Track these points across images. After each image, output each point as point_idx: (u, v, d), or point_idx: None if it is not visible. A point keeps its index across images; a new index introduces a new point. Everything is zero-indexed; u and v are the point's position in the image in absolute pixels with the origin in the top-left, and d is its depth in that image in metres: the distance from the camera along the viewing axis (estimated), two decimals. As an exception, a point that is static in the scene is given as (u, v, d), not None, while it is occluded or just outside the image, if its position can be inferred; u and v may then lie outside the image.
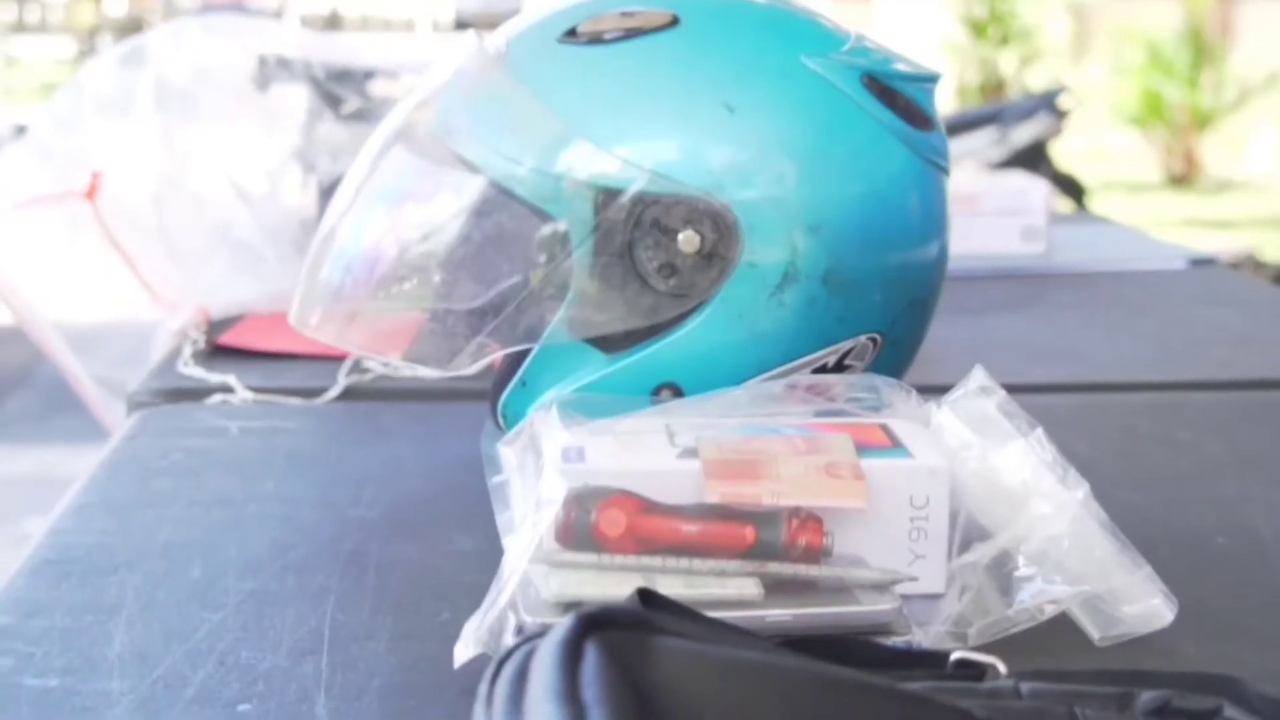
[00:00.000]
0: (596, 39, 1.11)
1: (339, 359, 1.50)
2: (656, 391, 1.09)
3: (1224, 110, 11.43)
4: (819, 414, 1.03)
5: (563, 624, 0.63)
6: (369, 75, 1.93)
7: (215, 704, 0.88)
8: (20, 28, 33.95)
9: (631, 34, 1.11)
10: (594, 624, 0.63)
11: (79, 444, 1.66)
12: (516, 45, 1.15)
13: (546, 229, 1.09)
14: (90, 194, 1.67)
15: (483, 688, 0.64)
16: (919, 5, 15.26)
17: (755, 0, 1.18)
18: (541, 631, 0.65)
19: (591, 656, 0.61)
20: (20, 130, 1.76)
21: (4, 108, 17.01)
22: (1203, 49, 11.69)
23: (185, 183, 1.77)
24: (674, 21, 1.11)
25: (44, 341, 1.65)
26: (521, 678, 0.62)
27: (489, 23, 1.20)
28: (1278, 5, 11.93)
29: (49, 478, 4.83)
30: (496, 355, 1.13)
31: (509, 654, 0.65)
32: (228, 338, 1.64)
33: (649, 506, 0.90)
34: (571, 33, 1.12)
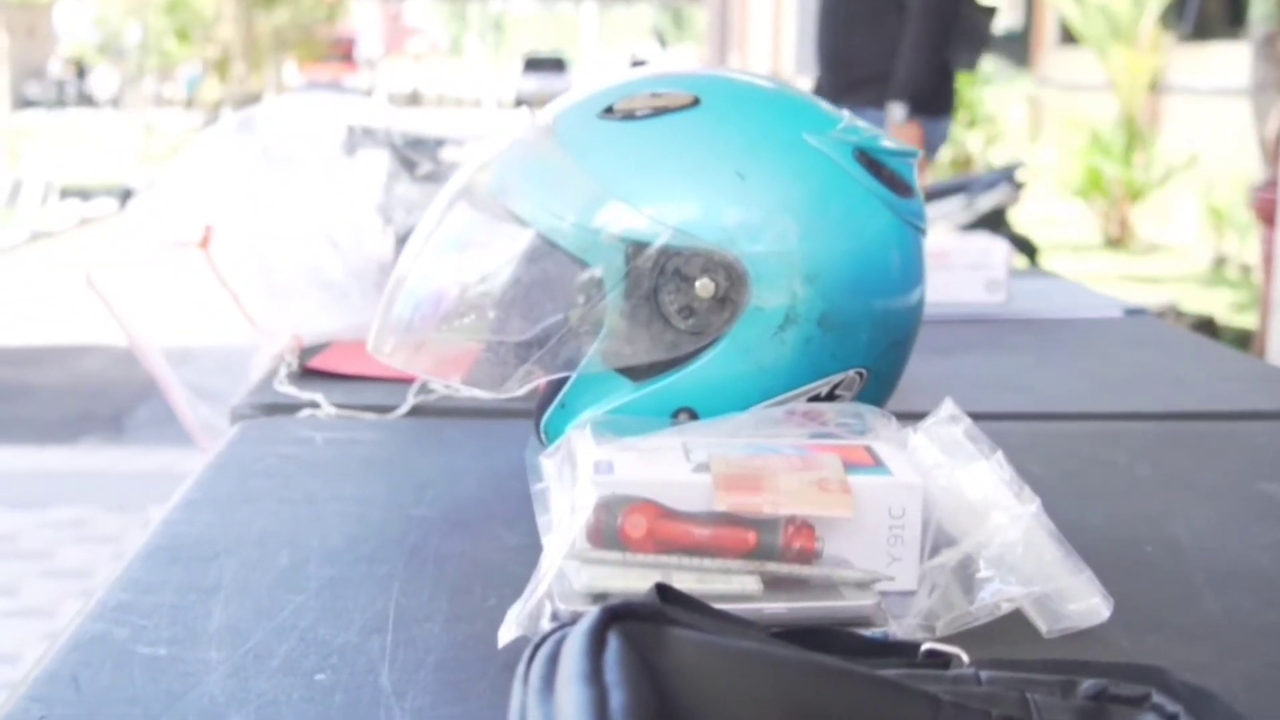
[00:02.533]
0: (629, 115, 1.10)
1: (408, 381, 1.49)
2: (675, 415, 1.08)
3: (1152, 185, 11.43)
4: (813, 436, 1.02)
5: (589, 615, 0.62)
6: (440, 143, 1.92)
7: (296, 673, 0.86)
8: (158, 102, 34.27)
9: (659, 111, 1.10)
10: (616, 616, 0.62)
11: (194, 446, 1.65)
12: (562, 119, 1.14)
13: (584, 275, 1.08)
14: (204, 244, 1.67)
15: (520, 668, 0.63)
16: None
17: (763, 85, 1.17)
18: (573, 619, 0.64)
19: (614, 644, 0.60)
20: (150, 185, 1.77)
21: (144, 168, 17.15)
22: (1135, 134, 11.70)
23: (285, 231, 1.77)
24: (695, 102, 1.10)
25: (153, 365, 1.64)
26: (553, 661, 0.61)
27: (544, 101, 1.20)
28: (1196, 99, 11.93)
29: (170, 473, 4.86)
30: (540, 381, 1.11)
31: (543, 640, 0.63)
32: (316, 362, 1.63)
33: (667, 513, 0.89)
34: (609, 110, 1.11)
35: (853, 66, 4.53)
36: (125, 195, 13.26)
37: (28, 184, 13.92)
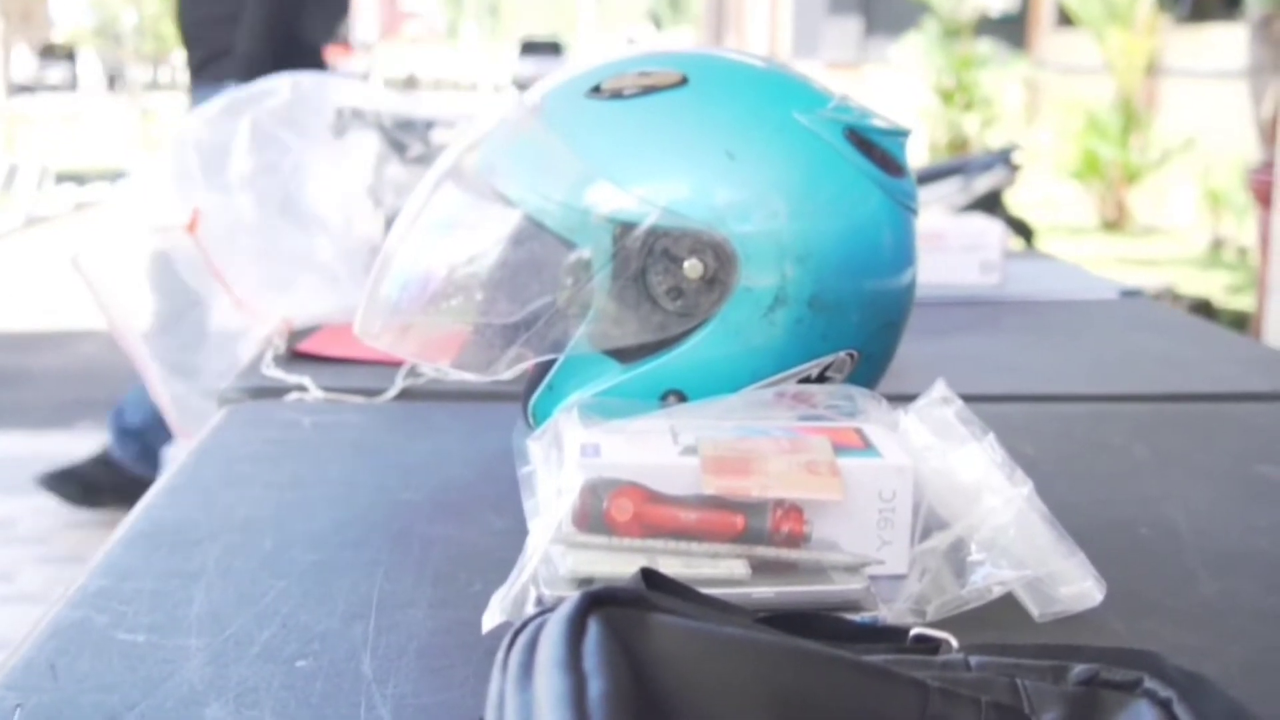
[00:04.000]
0: (617, 94, 1.09)
1: (397, 364, 1.48)
2: (664, 397, 1.07)
3: (1149, 168, 11.42)
4: (803, 418, 1.00)
5: (569, 601, 0.61)
6: (430, 125, 1.91)
7: (277, 660, 0.85)
8: (154, 86, 34.26)
9: (647, 91, 1.09)
10: (597, 602, 0.61)
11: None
12: (550, 99, 1.13)
13: (572, 256, 1.06)
14: (191, 227, 1.66)
15: (500, 655, 0.62)
16: (899, 76, 15.30)
17: (753, 64, 1.16)
18: (557, 604, 0.63)
19: (594, 631, 0.59)
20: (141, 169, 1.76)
21: (140, 152, 17.13)
22: (1132, 116, 11.68)
23: (274, 214, 1.75)
24: (684, 81, 1.09)
25: (130, 347, 1.63)
26: (532, 648, 0.60)
27: (540, 86, 1.18)
28: (1193, 82, 11.93)
29: (165, 459, 4.85)
30: (528, 363, 1.10)
31: (523, 626, 0.62)
32: (305, 345, 1.62)
33: (654, 496, 0.88)
34: (596, 89, 1.10)
35: (204, 42, 4.22)
36: (120, 179, 13.24)
37: (23, 169, 13.89)
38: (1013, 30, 16.17)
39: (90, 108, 27.20)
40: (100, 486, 4.38)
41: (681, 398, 1.07)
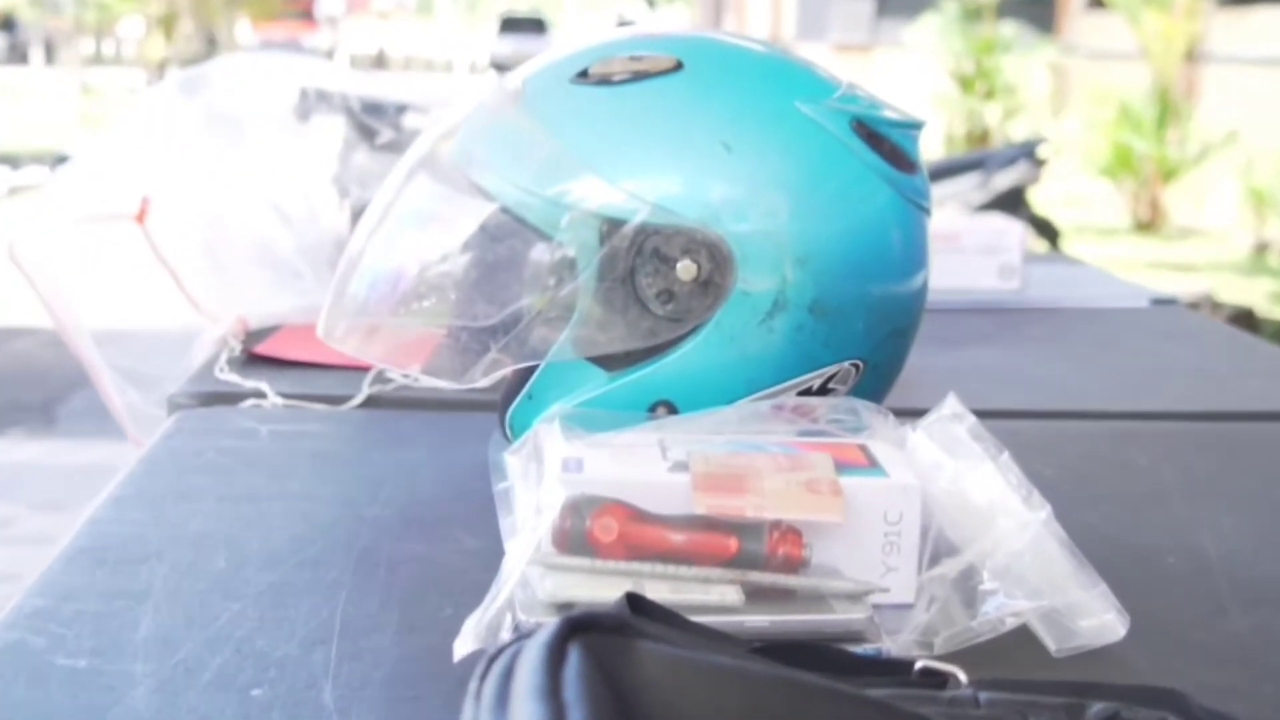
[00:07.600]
0: (606, 80, 1.10)
1: (364, 369, 1.49)
2: (653, 408, 1.08)
3: (1187, 164, 11.44)
4: (802, 433, 1.01)
5: (548, 627, 0.62)
6: (401, 109, 1.92)
7: (230, 688, 0.86)
8: (98, 60, 34.23)
9: (638, 76, 1.10)
10: (578, 627, 0.62)
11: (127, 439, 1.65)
12: (532, 84, 1.14)
13: (555, 254, 1.07)
14: (140, 217, 1.66)
15: (473, 684, 0.63)
16: (913, 61, 15.31)
17: (753, 48, 1.17)
18: (535, 630, 0.64)
19: (574, 658, 0.60)
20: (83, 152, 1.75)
21: (80, 132, 17.09)
22: (1169, 107, 11.70)
23: (230, 204, 1.76)
24: (678, 66, 1.10)
25: (79, 347, 1.64)
26: (508, 676, 0.61)
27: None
28: (1238, 69, 11.95)
29: (105, 468, 4.83)
30: (506, 370, 1.11)
31: (498, 653, 0.63)
32: (262, 347, 1.63)
33: (640, 515, 0.88)
34: (583, 74, 1.11)
35: None
36: (59, 162, 13.21)
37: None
38: (1039, 11, 16.20)
39: (25, 81, 27.15)
40: None
41: (671, 409, 1.08)
